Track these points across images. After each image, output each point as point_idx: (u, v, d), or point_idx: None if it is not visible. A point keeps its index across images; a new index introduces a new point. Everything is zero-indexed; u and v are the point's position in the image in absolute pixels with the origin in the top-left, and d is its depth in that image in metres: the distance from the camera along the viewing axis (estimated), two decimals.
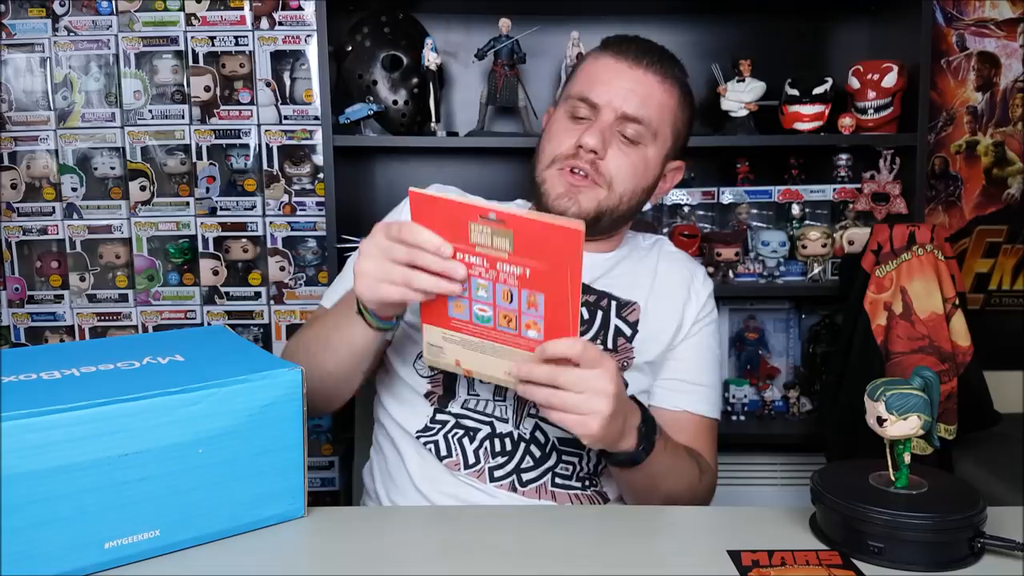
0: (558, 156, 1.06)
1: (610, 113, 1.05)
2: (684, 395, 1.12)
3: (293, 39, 2.07)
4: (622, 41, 1.10)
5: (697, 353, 1.14)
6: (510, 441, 1.04)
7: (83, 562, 0.73)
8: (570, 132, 1.06)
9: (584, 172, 1.04)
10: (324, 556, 0.80)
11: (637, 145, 1.06)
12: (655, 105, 1.06)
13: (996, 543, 0.75)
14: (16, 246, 2.11)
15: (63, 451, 0.70)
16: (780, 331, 2.08)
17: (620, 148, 1.06)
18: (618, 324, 1.08)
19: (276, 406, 0.80)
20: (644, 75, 1.06)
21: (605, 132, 1.04)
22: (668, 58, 1.10)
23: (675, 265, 1.17)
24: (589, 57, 1.12)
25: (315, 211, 2.10)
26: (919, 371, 0.80)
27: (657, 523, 0.91)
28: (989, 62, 2.08)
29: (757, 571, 0.74)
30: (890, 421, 0.77)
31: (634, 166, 1.06)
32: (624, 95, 1.05)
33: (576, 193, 1.05)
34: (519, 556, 0.79)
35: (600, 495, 1.06)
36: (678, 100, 1.10)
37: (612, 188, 1.06)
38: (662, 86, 1.07)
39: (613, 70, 1.06)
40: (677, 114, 1.10)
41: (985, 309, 2.15)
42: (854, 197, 1.90)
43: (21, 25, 2.03)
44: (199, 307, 2.13)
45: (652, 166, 1.09)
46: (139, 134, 2.08)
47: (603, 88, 1.05)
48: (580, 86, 1.08)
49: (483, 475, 1.03)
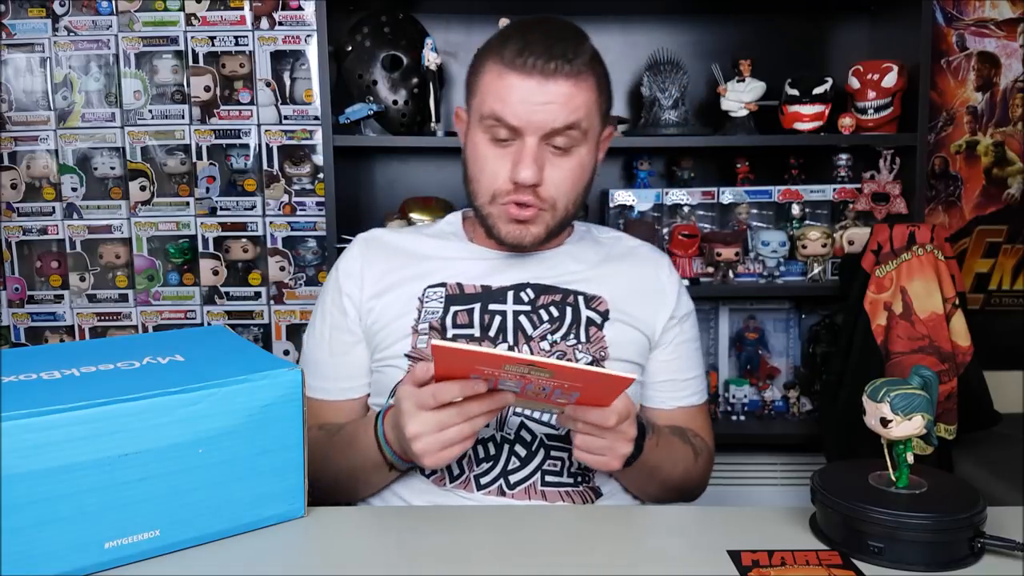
0: (497, 192, 1.03)
1: (534, 134, 0.99)
2: (675, 394, 1.15)
3: (293, 39, 2.07)
4: (521, 49, 0.98)
5: (681, 352, 1.15)
6: (493, 445, 1.02)
7: (83, 562, 0.73)
8: (499, 160, 1.02)
9: (528, 204, 1.02)
10: (324, 556, 0.80)
11: (569, 151, 1.02)
12: (577, 108, 1.00)
13: (996, 543, 0.75)
14: (16, 246, 2.11)
15: (63, 451, 0.70)
16: (780, 331, 2.08)
17: (554, 163, 1.02)
18: (589, 315, 1.08)
19: (276, 406, 0.80)
20: (556, 84, 0.98)
21: (536, 158, 0.99)
22: (574, 43, 1.00)
23: (639, 262, 1.16)
24: (489, 70, 1.01)
25: (315, 211, 2.10)
26: (918, 370, 0.80)
27: (657, 523, 0.91)
28: (989, 62, 2.08)
29: (757, 571, 0.74)
30: (895, 422, 0.77)
31: (572, 173, 1.03)
32: (543, 112, 0.98)
33: (526, 224, 1.04)
34: (519, 556, 0.79)
35: (592, 491, 1.05)
36: (595, 84, 1.03)
37: (556, 207, 1.04)
38: (577, 85, 0.99)
39: (524, 89, 0.98)
40: (598, 97, 1.04)
41: (985, 309, 2.15)
42: (854, 197, 1.90)
43: (21, 25, 2.03)
44: (199, 307, 2.13)
45: (588, 162, 1.06)
46: (139, 134, 2.08)
47: (519, 109, 0.98)
48: (492, 105, 1.00)
49: (469, 484, 1.01)
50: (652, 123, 1.92)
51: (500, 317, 1.06)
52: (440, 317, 1.05)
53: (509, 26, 1.06)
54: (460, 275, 1.09)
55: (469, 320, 1.05)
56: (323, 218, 2.06)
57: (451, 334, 1.04)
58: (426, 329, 1.05)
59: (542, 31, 1.01)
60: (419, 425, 0.85)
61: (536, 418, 1.03)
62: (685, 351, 1.16)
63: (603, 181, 2.08)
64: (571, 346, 1.05)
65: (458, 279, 1.08)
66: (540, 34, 1.00)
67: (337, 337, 1.11)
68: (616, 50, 2.06)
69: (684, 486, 1.10)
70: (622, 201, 1.95)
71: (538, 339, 1.05)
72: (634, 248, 1.19)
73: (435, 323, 1.05)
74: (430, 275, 1.09)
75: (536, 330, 1.05)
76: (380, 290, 1.09)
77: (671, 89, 1.91)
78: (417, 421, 0.85)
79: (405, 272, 1.09)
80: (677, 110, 1.91)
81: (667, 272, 1.17)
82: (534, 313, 1.06)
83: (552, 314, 1.07)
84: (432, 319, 1.05)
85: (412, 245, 1.14)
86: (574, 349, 1.05)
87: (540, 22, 1.03)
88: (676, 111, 1.91)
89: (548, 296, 1.07)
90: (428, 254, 1.12)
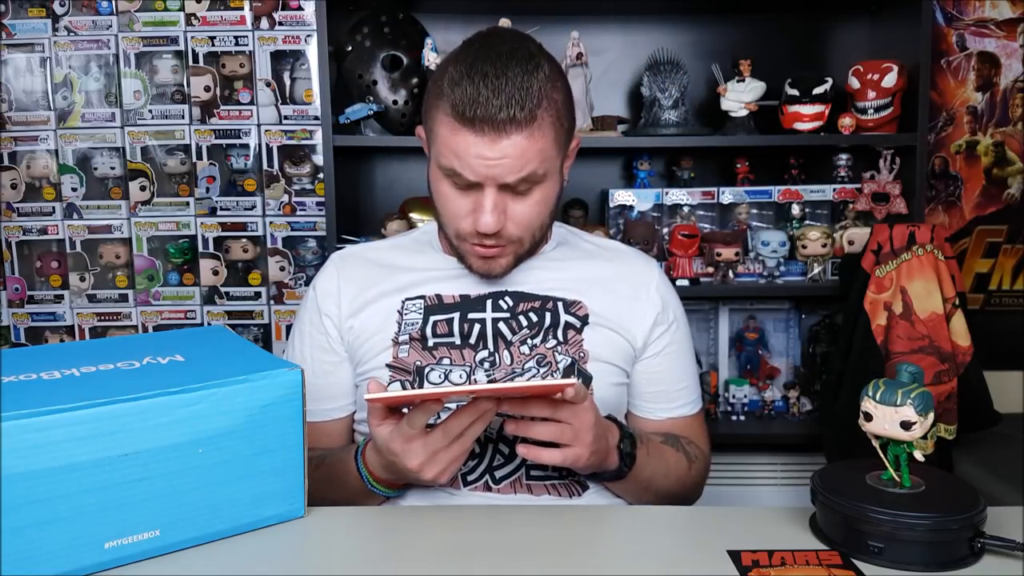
0: (460, 233, 1.03)
1: (492, 185, 0.98)
2: (666, 404, 1.13)
3: (293, 39, 2.07)
4: (473, 100, 0.94)
5: (670, 362, 1.13)
6: (477, 444, 1.02)
7: (83, 562, 0.73)
8: (460, 202, 1.01)
9: (492, 245, 1.02)
10: (324, 556, 0.80)
11: (531, 191, 1.00)
12: (533, 158, 0.97)
13: (996, 543, 0.75)
14: (16, 246, 2.11)
15: (63, 451, 0.70)
16: (780, 331, 2.08)
17: (516, 201, 1.00)
18: (568, 319, 1.07)
19: (276, 406, 0.80)
20: (510, 139, 0.95)
21: (496, 205, 0.98)
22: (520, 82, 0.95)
23: (624, 269, 1.15)
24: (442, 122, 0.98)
25: (315, 211, 2.10)
26: (906, 367, 0.79)
27: (657, 523, 0.91)
28: (989, 62, 2.08)
29: (757, 571, 0.74)
30: (919, 423, 0.76)
31: (535, 208, 1.02)
32: (499, 167, 0.96)
33: (494, 260, 1.04)
34: (518, 555, 0.79)
35: (578, 484, 1.05)
36: (551, 121, 0.98)
37: (523, 241, 1.04)
38: (531, 136, 0.96)
39: (478, 145, 0.95)
40: (559, 135, 1.01)
41: (985, 309, 2.15)
42: (854, 197, 1.91)
43: (21, 25, 2.03)
44: (199, 307, 2.13)
45: (551, 192, 1.04)
46: (139, 134, 2.08)
47: (475, 164, 0.96)
48: (449, 159, 0.98)
49: (456, 482, 1.02)
50: (652, 123, 1.92)
51: (480, 325, 1.06)
52: (420, 328, 1.06)
53: (458, 61, 0.99)
54: (438, 286, 1.09)
55: (449, 329, 1.06)
56: (323, 218, 2.06)
57: (432, 343, 1.05)
58: (407, 340, 1.05)
59: (493, 70, 0.95)
60: (415, 457, 0.87)
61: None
62: (676, 361, 1.14)
63: (603, 181, 2.08)
64: (550, 348, 1.05)
65: (437, 290, 1.09)
66: (491, 77, 0.95)
67: (319, 358, 1.11)
68: (616, 50, 2.06)
69: (678, 493, 1.09)
70: (622, 201, 1.95)
71: (518, 344, 1.05)
72: (620, 254, 1.18)
73: (415, 334, 1.05)
74: (408, 288, 1.09)
75: (516, 335, 1.06)
76: (359, 306, 1.09)
77: (671, 89, 1.91)
78: (411, 454, 0.87)
79: (383, 286, 1.10)
80: (677, 110, 1.91)
81: (656, 279, 1.15)
82: (513, 319, 1.07)
83: (531, 319, 1.07)
84: (412, 330, 1.06)
85: (388, 259, 1.14)
86: (554, 351, 1.05)
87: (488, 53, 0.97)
88: (676, 111, 1.91)
89: (527, 303, 1.08)
90: (405, 266, 1.12)
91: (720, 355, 2.07)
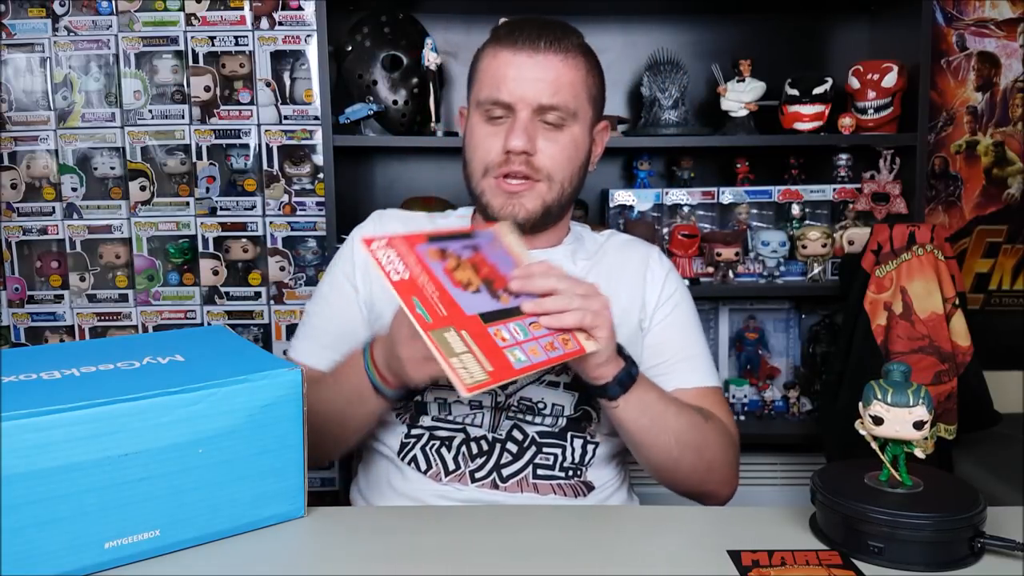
0: (490, 165, 1.06)
1: (525, 108, 1.04)
2: (671, 376, 1.11)
3: (293, 39, 2.07)
4: (512, 30, 1.06)
5: (671, 333, 1.13)
6: (485, 443, 1.05)
7: (83, 562, 0.72)
8: (493, 136, 1.06)
9: (520, 175, 1.05)
10: (324, 556, 0.80)
11: (562, 128, 1.06)
12: (566, 85, 1.05)
13: (996, 543, 0.75)
14: (16, 246, 2.11)
15: (63, 451, 0.70)
16: (780, 331, 2.08)
17: (547, 137, 1.05)
18: None
19: (276, 406, 0.80)
20: (546, 59, 1.04)
21: (528, 128, 1.03)
22: (562, 30, 1.07)
23: (628, 253, 1.18)
24: (486, 55, 1.09)
25: (315, 211, 2.10)
26: (898, 367, 0.79)
27: (658, 523, 0.91)
28: (989, 62, 2.08)
29: (757, 571, 0.74)
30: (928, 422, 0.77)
31: (565, 149, 1.06)
32: (533, 87, 1.03)
33: (518, 199, 1.06)
34: (518, 555, 0.79)
35: (584, 484, 1.06)
36: (586, 69, 1.08)
37: (552, 179, 1.06)
38: (565, 63, 1.05)
39: (514, 64, 1.04)
40: (589, 82, 1.09)
41: (985, 309, 2.15)
42: (854, 197, 1.91)
43: (21, 25, 2.03)
44: (199, 307, 2.13)
45: (581, 142, 1.09)
46: (139, 134, 2.08)
47: (510, 85, 1.04)
48: (487, 90, 1.06)
49: (464, 478, 1.04)
50: (652, 123, 1.92)
51: None
52: None
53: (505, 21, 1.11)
54: None
55: None
56: (323, 218, 2.06)
57: None
58: None
59: (536, 20, 1.07)
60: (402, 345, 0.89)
61: (529, 420, 1.05)
62: (679, 332, 1.14)
63: (603, 181, 2.08)
64: None
65: None
66: (533, 21, 1.07)
67: (344, 312, 1.12)
68: (616, 50, 2.06)
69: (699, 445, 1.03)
70: (622, 201, 1.95)
71: None
72: (624, 241, 1.22)
73: None
74: None
75: None
76: None
77: (671, 89, 1.91)
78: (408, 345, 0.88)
79: None
80: (677, 110, 1.91)
81: (655, 258, 1.18)
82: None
83: None
84: None
85: (424, 225, 1.17)
86: None
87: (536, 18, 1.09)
88: (676, 111, 1.91)
89: None
90: None
91: (720, 355, 2.07)
